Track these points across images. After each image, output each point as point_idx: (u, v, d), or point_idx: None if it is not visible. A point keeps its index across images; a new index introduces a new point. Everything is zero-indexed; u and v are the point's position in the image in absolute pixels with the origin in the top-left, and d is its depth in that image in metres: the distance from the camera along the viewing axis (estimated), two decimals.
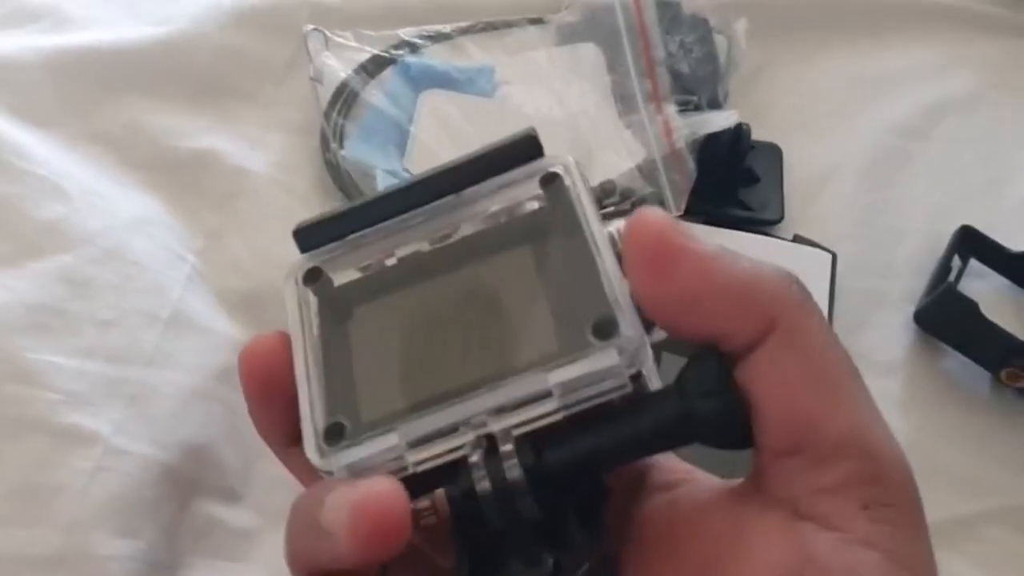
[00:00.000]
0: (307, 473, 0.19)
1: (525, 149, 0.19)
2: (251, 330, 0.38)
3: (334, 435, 0.17)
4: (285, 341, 0.18)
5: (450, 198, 0.19)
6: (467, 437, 0.17)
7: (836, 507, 0.16)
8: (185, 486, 0.34)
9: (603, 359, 0.17)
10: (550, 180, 0.19)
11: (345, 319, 0.19)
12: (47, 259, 0.36)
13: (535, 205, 0.19)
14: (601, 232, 0.18)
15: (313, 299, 0.19)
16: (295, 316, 0.19)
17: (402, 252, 0.20)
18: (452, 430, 0.17)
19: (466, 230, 0.19)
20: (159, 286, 0.37)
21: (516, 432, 0.17)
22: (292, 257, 0.20)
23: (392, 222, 0.20)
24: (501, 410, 0.17)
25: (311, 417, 0.18)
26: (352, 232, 0.20)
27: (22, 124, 0.40)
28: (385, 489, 0.15)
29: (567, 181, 0.19)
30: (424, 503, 0.17)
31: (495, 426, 0.17)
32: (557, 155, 0.19)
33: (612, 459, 0.18)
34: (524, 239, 0.19)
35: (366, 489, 0.16)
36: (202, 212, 0.41)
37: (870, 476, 0.16)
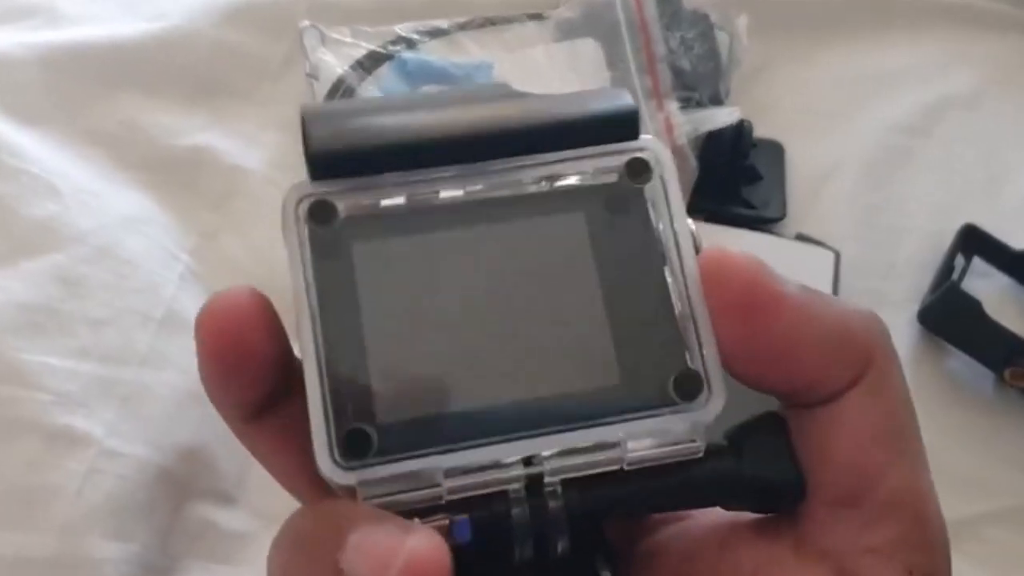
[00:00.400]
0: (267, 452, 0.17)
1: (621, 126, 0.16)
2: None
3: (355, 446, 0.14)
4: (256, 298, 0.15)
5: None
6: (515, 472, 0.15)
7: (881, 569, 0.15)
8: (179, 488, 0.34)
9: (685, 421, 0.15)
10: (639, 169, 0.16)
11: (353, 276, 0.15)
12: (40, 258, 0.35)
13: (601, 181, 0.16)
14: (688, 248, 0.15)
15: (310, 242, 0.15)
16: (299, 269, 0.15)
17: (429, 198, 0.16)
18: (500, 463, 0.15)
19: (514, 191, 0.16)
20: (153, 285, 0.37)
21: (568, 475, 0.15)
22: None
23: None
24: (560, 453, 0.15)
25: (324, 417, 0.14)
26: (385, 170, 0.15)
27: (14, 122, 0.40)
28: (433, 547, 0.13)
29: (657, 174, 0.16)
30: (442, 522, 0.14)
31: (549, 466, 0.15)
32: (651, 139, 0.16)
33: (654, 508, 0.16)
34: (584, 219, 0.16)
35: (414, 548, 0.13)
36: (197, 211, 0.41)
37: (917, 541, 0.16)
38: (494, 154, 0.16)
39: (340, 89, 0.45)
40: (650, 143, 0.16)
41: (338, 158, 0.15)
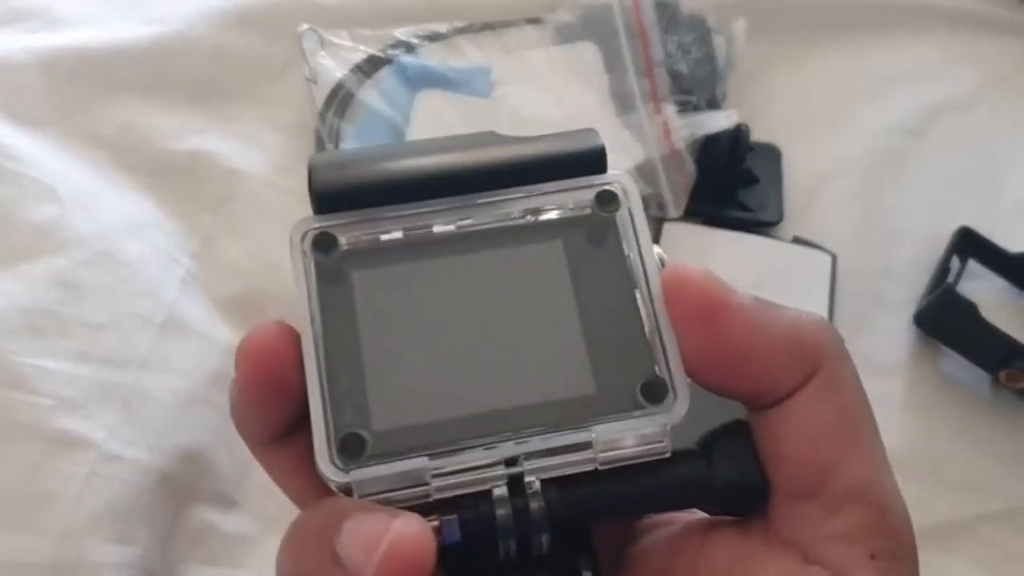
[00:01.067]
0: (284, 473, 0.18)
1: (590, 162, 0.18)
2: None
3: (351, 448, 0.16)
4: (286, 332, 0.17)
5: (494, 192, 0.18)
6: (497, 472, 0.16)
7: (844, 554, 0.16)
8: (180, 492, 0.34)
9: (653, 423, 0.16)
10: (607, 200, 0.18)
11: (353, 299, 0.17)
12: (39, 262, 0.35)
13: (578, 213, 0.18)
14: (654, 270, 0.17)
15: (315, 270, 0.17)
16: (303, 293, 0.17)
17: (423, 231, 0.18)
18: (484, 465, 0.16)
19: (499, 223, 0.18)
20: (153, 289, 0.37)
21: (546, 475, 0.16)
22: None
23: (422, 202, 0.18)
24: (538, 453, 0.16)
25: (324, 423, 0.16)
26: (380, 204, 0.17)
27: (13, 124, 0.40)
28: (417, 531, 0.15)
29: (624, 205, 0.18)
30: (434, 523, 0.16)
31: (528, 466, 0.16)
32: (619, 173, 0.18)
33: (631, 509, 0.18)
34: (562, 247, 0.18)
35: (399, 530, 0.15)
36: (197, 214, 0.41)
37: (879, 527, 0.16)
38: (480, 187, 0.18)
39: (339, 93, 0.45)
40: (618, 176, 0.18)
41: (338, 193, 0.17)
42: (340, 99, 0.46)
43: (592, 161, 0.18)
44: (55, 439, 0.32)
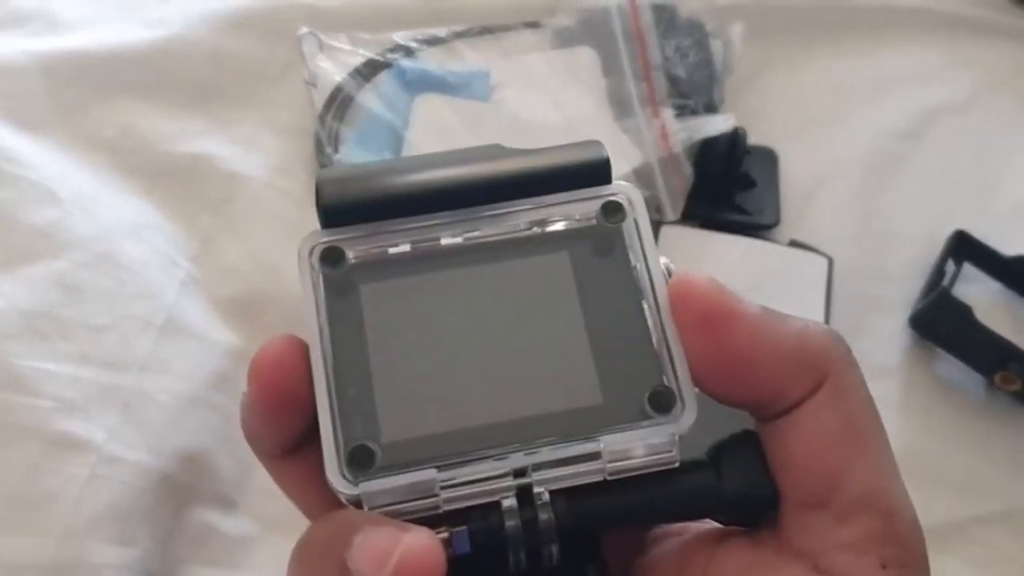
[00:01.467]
0: (295, 485, 0.18)
1: (595, 173, 0.18)
2: (246, 336, 0.38)
3: (360, 460, 0.16)
4: (297, 346, 0.17)
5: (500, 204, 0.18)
6: (506, 483, 0.16)
7: (855, 564, 0.16)
8: (180, 494, 0.34)
9: (661, 433, 0.16)
10: (612, 210, 0.18)
11: (361, 312, 0.17)
12: (39, 264, 0.35)
13: (584, 224, 0.18)
14: (660, 281, 0.17)
15: (323, 284, 0.17)
16: (312, 307, 0.17)
17: (430, 244, 0.18)
18: (493, 476, 0.16)
19: (505, 235, 0.18)
20: (153, 291, 0.37)
21: (555, 486, 0.16)
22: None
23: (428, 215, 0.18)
24: (547, 464, 0.16)
25: (333, 435, 0.16)
26: (387, 217, 0.18)
27: (13, 128, 0.40)
28: (427, 544, 0.15)
29: (630, 215, 0.18)
30: (443, 535, 0.16)
31: (536, 477, 0.16)
32: (624, 184, 0.18)
33: (640, 519, 0.18)
34: (568, 258, 0.18)
35: (409, 544, 0.15)
36: (196, 217, 0.41)
37: (889, 535, 0.16)
38: (486, 200, 0.18)
39: (338, 96, 0.46)
40: (623, 187, 0.18)
41: (346, 207, 0.18)
42: (339, 102, 0.46)
43: (597, 172, 0.18)
44: (55, 441, 0.32)
